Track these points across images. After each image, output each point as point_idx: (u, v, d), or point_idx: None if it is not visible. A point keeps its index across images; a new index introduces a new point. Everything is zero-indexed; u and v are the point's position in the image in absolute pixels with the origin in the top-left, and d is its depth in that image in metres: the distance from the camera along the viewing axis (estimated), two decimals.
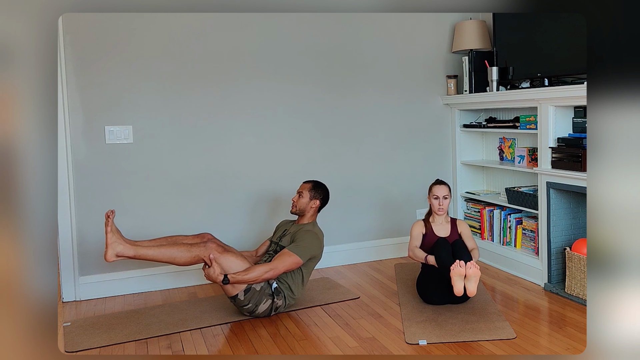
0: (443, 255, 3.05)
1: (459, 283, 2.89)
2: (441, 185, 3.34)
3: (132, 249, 2.81)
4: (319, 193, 3.27)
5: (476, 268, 2.88)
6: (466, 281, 2.90)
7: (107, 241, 2.80)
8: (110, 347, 2.77)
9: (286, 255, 2.98)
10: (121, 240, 2.82)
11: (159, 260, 2.85)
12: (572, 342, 2.67)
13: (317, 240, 3.12)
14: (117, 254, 2.80)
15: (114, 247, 2.80)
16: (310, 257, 3.08)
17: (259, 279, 2.92)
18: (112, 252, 2.79)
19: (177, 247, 2.87)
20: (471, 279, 2.89)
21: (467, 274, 2.89)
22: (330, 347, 2.69)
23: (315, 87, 3.96)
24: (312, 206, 3.24)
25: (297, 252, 3.00)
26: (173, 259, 2.86)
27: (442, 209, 3.30)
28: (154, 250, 2.84)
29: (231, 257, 2.91)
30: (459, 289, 2.89)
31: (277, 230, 3.38)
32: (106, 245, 2.80)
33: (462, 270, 2.88)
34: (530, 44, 3.61)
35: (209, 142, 3.71)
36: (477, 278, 2.90)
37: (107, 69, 3.46)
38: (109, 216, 2.80)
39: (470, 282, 2.90)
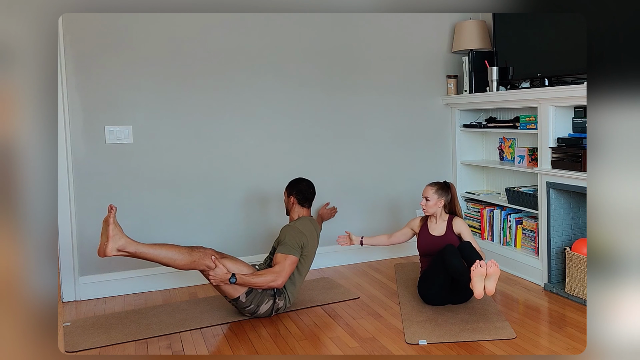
0: (455, 263, 2.97)
1: (480, 284, 2.83)
2: (428, 186, 3.35)
3: (133, 245, 2.74)
4: (291, 189, 3.34)
5: (496, 267, 2.82)
6: (486, 280, 2.84)
7: (108, 234, 2.69)
8: (110, 347, 2.77)
9: (281, 259, 2.99)
10: (122, 235, 2.74)
11: (158, 260, 2.81)
12: (572, 342, 2.67)
13: (297, 231, 3.10)
14: (118, 247, 2.70)
15: (115, 240, 2.70)
16: (300, 247, 3.07)
17: (265, 285, 2.94)
18: (114, 246, 2.69)
19: (177, 249, 2.85)
20: (491, 277, 2.83)
21: (487, 273, 2.83)
22: (330, 347, 2.69)
23: (315, 87, 3.96)
24: (292, 203, 3.32)
25: (286, 251, 3.01)
26: (173, 260, 2.82)
27: (425, 209, 3.33)
28: (154, 249, 2.80)
29: (230, 261, 2.93)
30: (480, 291, 2.82)
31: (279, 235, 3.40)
32: (107, 238, 2.69)
33: (484, 270, 2.81)
34: (530, 44, 3.61)
35: (209, 142, 3.71)
36: (497, 276, 2.83)
37: (107, 69, 3.46)
38: (112, 209, 2.73)
39: (490, 281, 2.83)
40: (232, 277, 2.85)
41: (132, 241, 2.76)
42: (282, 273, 2.96)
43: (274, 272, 2.96)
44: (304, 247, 3.10)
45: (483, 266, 2.82)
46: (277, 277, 2.95)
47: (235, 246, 3.81)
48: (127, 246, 2.73)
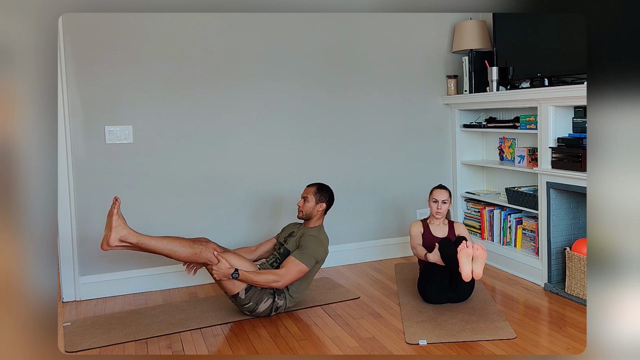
0: (448, 251, 3.06)
1: (467, 265, 2.92)
2: (442, 190, 3.36)
3: (135, 236, 2.74)
4: (324, 196, 3.24)
5: (483, 250, 2.94)
6: (473, 263, 2.94)
7: (111, 224, 2.70)
8: (110, 347, 2.77)
9: (292, 264, 2.98)
10: (125, 226, 2.74)
11: (160, 251, 2.80)
12: (572, 342, 2.67)
13: (322, 246, 3.10)
14: (120, 238, 2.71)
15: (118, 230, 2.71)
16: (316, 261, 3.08)
17: (266, 285, 2.94)
18: (116, 236, 2.70)
19: (179, 241, 2.86)
20: (478, 260, 2.93)
21: (474, 255, 2.93)
22: (330, 347, 2.69)
23: (316, 88, 3.96)
24: (319, 210, 3.22)
25: (302, 259, 3.00)
26: (174, 252, 2.83)
27: (440, 212, 3.33)
28: (156, 241, 2.80)
29: (232, 256, 2.93)
30: (467, 273, 2.92)
31: (284, 231, 3.37)
32: (110, 229, 2.70)
33: (470, 251, 2.92)
34: (530, 44, 3.61)
35: (209, 142, 3.71)
36: (483, 260, 2.93)
37: (107, 69, 3.46)
38: (117, 200, 2.74)
39: (477, 264, 2.93)
40: (235, 273, 2.85)
41: (134, 232, 2.77)
42: (285, 277, 2.96)
43: (278, 274, 2.95)
44: (319, 262, 3.11)
45: (470, 247, 2.93)
46: (279, 279, 2.95)
47: (235, 246, 3.80)
48: (129, 237, 2.73)
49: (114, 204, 2.75)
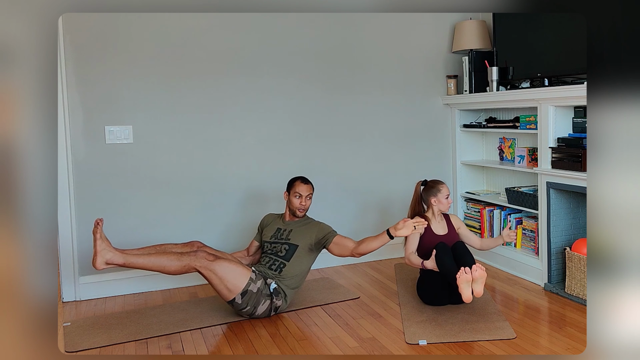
0: (446, 261, 3.00)
1: (467, 290, 2.87)
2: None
3: (121, 257, 2.81)
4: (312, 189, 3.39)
5: (482, 270, 2.87)
6: (473, 284, 2.88)
7: (96, 249, 2.78)
8: (110, 347, 2.77)
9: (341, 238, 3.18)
10: (110, 248, 2.81)
11: (149, 268, 2.84)
12: (572, 342, 2.67)
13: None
14: (106, 261, 2.79)
15: (103, 254, 2.78)
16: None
17: (375, 248, 3.11)
18: (102, 260, 2.78)
19: (166, 256, 2.86)
20: (478, 281, 2.87)
21: (473, 278, 2.87)
22: (330, 347, 2.69)
23: (315, 87, 3.96)
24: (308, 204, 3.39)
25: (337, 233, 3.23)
26: (163, 267, 2.84)
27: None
28: (144, 258, 2.83)
29: (224, 263, 2.89)
30: (467, 296, 2.86)
31: (267, 227, 3.37)
32: (95, 253, 2.79)
33: (469, 277, 2.86)
34: (530, 44, 3.61)
35: (208, 142, 3.71)
36: (483, 279, 2.88)
37: (107, 69, 3.46)
38: (99, 223, 2.80)
39: (477, 284, 2.88)
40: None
41: (120, 253, 2.83)
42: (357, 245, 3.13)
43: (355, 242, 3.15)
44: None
45: (468, 272, 2.86)
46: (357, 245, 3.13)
47: (234, 246, 3.81)
48: (115, 259, 2.81)
49: (97, 227, 2.79)
